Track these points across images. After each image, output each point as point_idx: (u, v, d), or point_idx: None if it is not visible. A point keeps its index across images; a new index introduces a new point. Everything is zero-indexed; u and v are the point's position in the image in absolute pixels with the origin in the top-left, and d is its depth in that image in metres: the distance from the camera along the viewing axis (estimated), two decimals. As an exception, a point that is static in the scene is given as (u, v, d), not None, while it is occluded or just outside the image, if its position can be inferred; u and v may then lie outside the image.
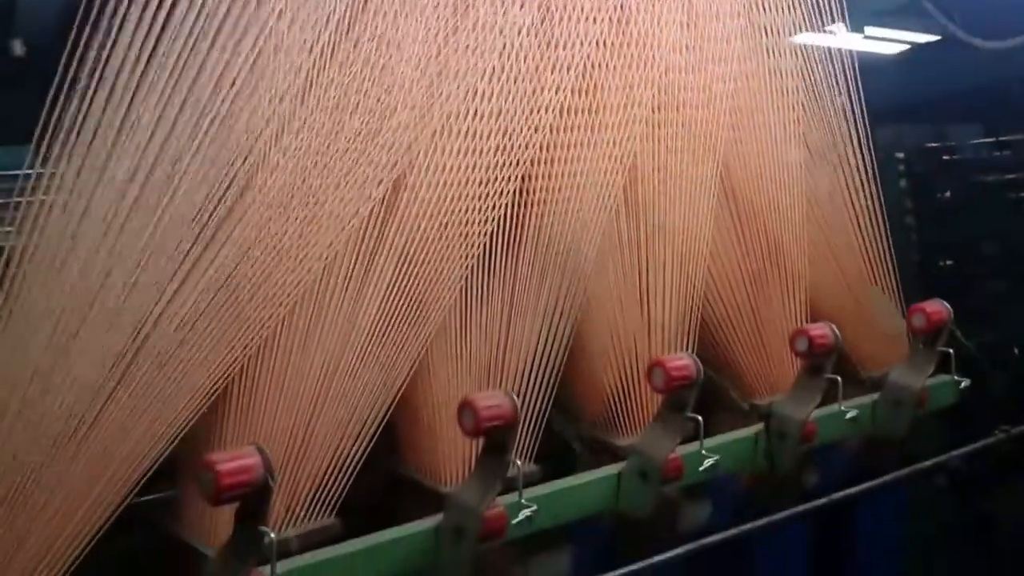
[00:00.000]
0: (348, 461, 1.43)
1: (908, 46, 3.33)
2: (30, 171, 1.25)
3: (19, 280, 1.25)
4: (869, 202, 2.04)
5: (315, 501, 1.41)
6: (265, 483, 1.13)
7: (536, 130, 1.60)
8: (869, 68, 2.07)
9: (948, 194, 3.62)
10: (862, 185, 2.05)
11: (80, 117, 1.25)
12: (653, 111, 1.74)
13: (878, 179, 2.08)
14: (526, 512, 1.39)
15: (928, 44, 3.41)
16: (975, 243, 3.61)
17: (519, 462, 1.39)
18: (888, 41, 3.24)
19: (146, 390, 1.31)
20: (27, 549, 1.20)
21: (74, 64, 1.24)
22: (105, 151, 1.28)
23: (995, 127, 3.86)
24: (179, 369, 1.33)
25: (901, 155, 3.49)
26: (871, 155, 2.00)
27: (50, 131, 1.24)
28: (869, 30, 3.02)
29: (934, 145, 3.63)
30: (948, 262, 3.57)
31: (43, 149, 1.24)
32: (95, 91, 1.26)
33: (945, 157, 3.65)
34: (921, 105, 3.58)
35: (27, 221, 1.25)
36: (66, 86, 1.24)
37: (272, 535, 1.15)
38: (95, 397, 1.27)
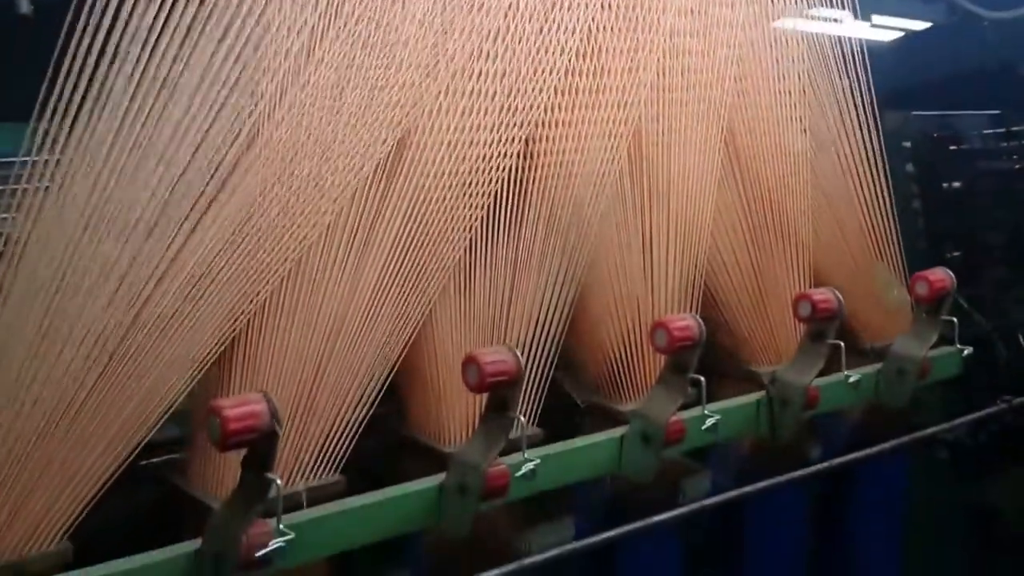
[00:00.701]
0: (352, 419, 1.46)
1: (907, 30, 3.35)
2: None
3: (24, 233, 1.27)
4: (874, 176, 2.07)
5: (320, 458, 1.43)
6: (272, 429, 1.15)
7: (541, 91, 1.61)
8: (874, 50, 2.10)
9: (956, 184, 3.64)
10: (867, 158, 2.07)
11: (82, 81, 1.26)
12: (658, 75, 1.75)
13: (884, 148, 2.10)
14: (529, 465, 1.41)
15: (936, 24, 3.43)
16: (982, 232, 3.63)
17: (522, 418, 1.41)
18: (889, 28, 3.25)
19: (148, 351, 1.33)
20: (33, 502, 1.22)
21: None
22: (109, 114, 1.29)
23: (1004, 110, 3.88)
24: (182, 329, 1.36)
25: (908, 144, 3.51)
26: (877, 121, 2.02)
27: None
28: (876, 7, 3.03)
29: (942, 134, 3.64)
30: (955, 253, 3.59)
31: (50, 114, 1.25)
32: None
33: (952, 147, 3.67)
34: (929, 87, 3.58)
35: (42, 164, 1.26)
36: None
37: (279, 481, 1.17)
38: (97, 357, 1.29)
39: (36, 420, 1.23)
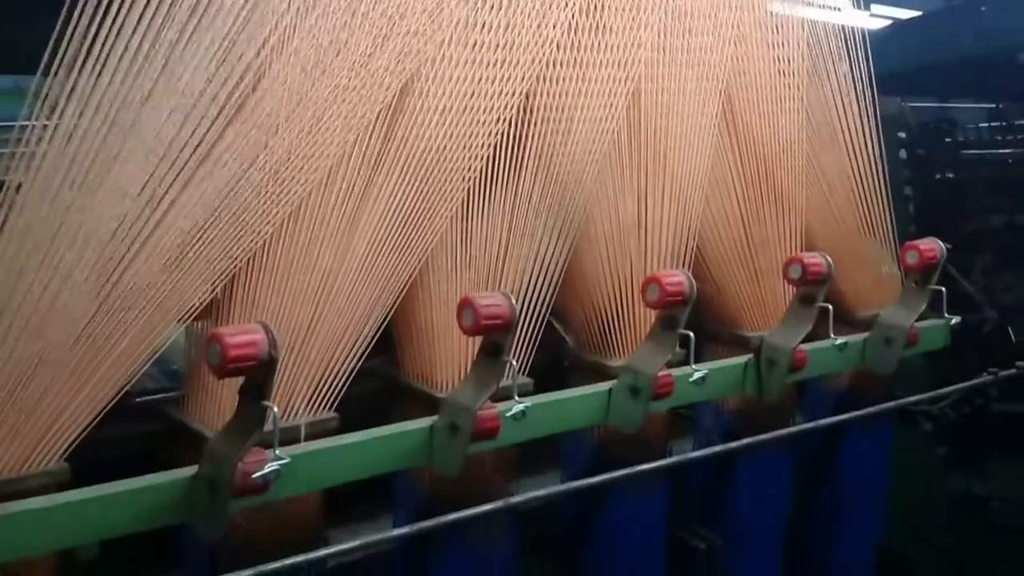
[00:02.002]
0: (348, 359, 1.50)
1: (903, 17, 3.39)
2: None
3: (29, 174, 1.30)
4: (869, 155, 2.11)
5: (316, 394, 1.47)
6: (270, 359, 1.19)
7: (542, 46, 1.65)
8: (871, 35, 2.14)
9: (950, 174, 3.69)
10: (862, 132, 2.11)
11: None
12: (659, 36, 1.79)
13: (879, 123, 2.14)
14: (519, 406, 1.45)
15: (932, 10, 3.47)
16: (973, 220, 3.68)
17: (514, 361, 1.44)
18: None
19: (148, 287, 1.36)
20: (33, 422, 1.26)
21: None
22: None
23: (999, 99, 3.92)
24: (182, 267, 1.39)
25: (903, 135, 3.55)
26: (873, 92, 2.06)
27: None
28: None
29: (936, 125, 3.68)
30: (948, 246, 3.64)
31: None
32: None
33: (947, 139, 3.72)
34: (924, 73, 3.61)
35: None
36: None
37: (275, 409, 1.21)
38: (98, 291, 1.32)
39: (38, 346, 1.26)
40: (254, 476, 1.21)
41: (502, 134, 1.63)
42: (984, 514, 3.35)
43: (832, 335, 1.86)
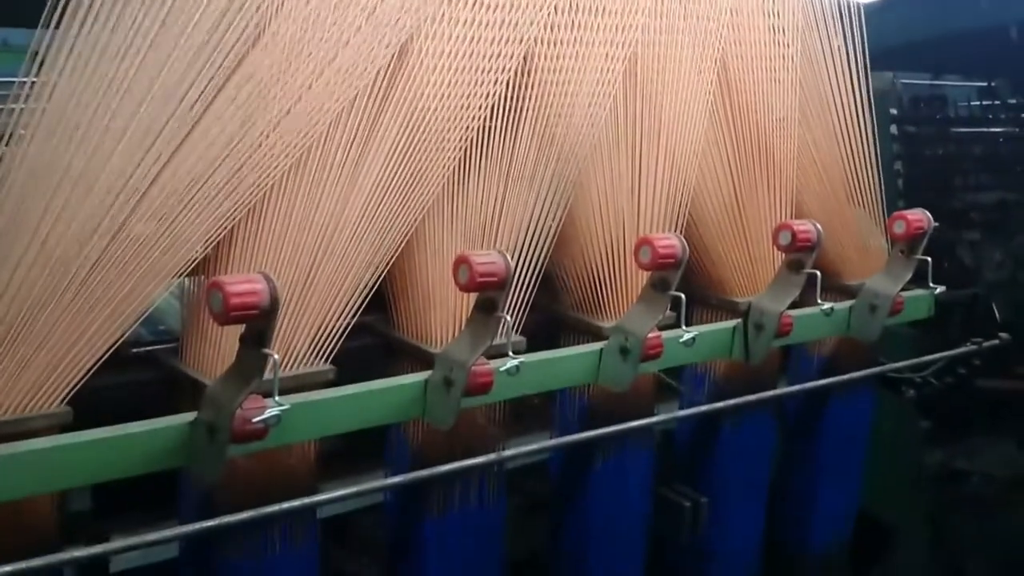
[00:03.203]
0: (345, 313, 1.53)
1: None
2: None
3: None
4: (860, 128, 2.14)
5: (313, 347, 1.50)
6: (271, 307, 1.22)
7: (541, 8, 1.66)
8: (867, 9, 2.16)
9: (940, 151, 3.73)
10: (853, 105, 2.14)
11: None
12: (657, 0, 1.81)
13: (871, 95, 2.17)
14: (513, 361, 1.49)
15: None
16: (962, 196, 3.73)
17: (508, 318, 1.47)
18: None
19: (148, 237, 1.38)
20: (35, 366, 1.29)
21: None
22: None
23: (991, 76, 3.95)
24: (182, 218, 1.41)
25: (895, 111, 3.58)
26: (866, 64, 2.08)
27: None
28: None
29: (927, 99, 3.71)
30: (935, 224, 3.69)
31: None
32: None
33: (938, 116, 3.75)
34: (916, 48, 3.64)
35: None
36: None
37: (275, 356, 1.23)
38: (97, 241, 1.34)
39: (41, 292, 1.29)
40: (254, 421, 1.24)
41: (500, 95, 1.65)
42: (964, 487, 3.42)
43: (820, 301, 1.90)
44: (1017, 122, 3.95)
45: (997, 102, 3.97)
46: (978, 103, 3.92)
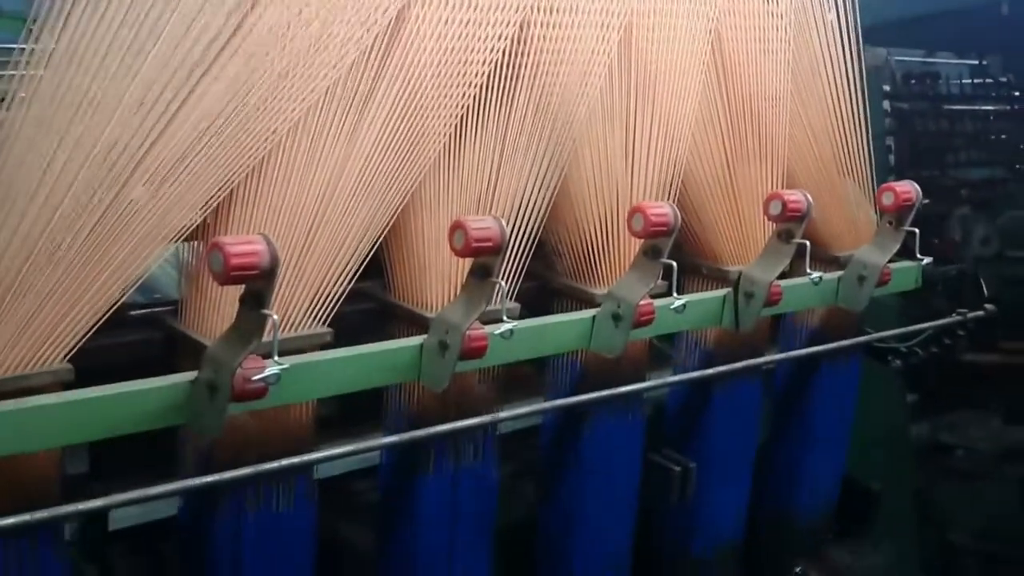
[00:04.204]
0: (343, 277, 1.55)
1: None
2: None
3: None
4: (851, 102, 2.16)
5: (311, 309, 1.52)
6: (270, 268, 1.24)
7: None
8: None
9: (931, 128, 3.76)
10: (846, 79, 2.16)
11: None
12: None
13: (863, 69, 2.19)
14: (507, 325, 1.51)
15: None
16: (953, 172, 3.76)
17: (502, 282, 1.50)
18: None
19: (148, 200, 1.40)
20: (37, 324, 1.31)
21: None
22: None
23: (984, 54, 3.98)
24: (181, 181, 1.43)
25: (887, 87, 3.60)
26: (859, 38, 2.11)
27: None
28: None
29: (919, 76, 3.74)
30: (925, 200, 3.73)
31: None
32: None
33: (931, 93, 3.78)
34: (909, 23, 3.65)
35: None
36: None
37: (275, 317, 1.26)
38: (96, 204, 1.36)
39: (42, 253, 1.31)
40: (254, 379, 1.27)
41: (496, 63, 1.67)
42: (949, 460, 3.49)
43: (808, 271, 1.93)
44: (1008, 99, 3.99)
45: (989, 80, 4.01)
46: (970, 81, 3.95)
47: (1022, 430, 3.66)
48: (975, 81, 3.98)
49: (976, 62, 4.03)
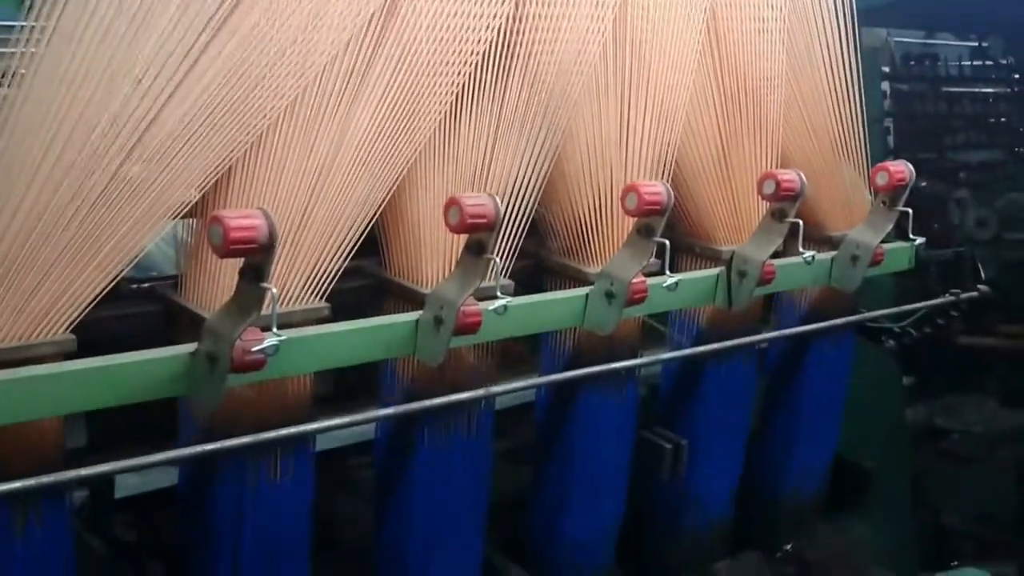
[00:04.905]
0: (340, 253, 1.60)
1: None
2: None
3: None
4: (847, 82, 2.21)
5: (309, 284, 1.58)
6: (269, 241, 1.29)
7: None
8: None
9: (930, 110, 3.80)
10: (842, 59, 2.21)
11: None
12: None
13: (859, 50, 2.24)
14: (501, 301, 1.57)
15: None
16: (951, 154, 3.81)
17: (496, 259, 1.55)
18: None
19: (147, 176, 1.45)
20: (41, 295, 1.36)
21: None
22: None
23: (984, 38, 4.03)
24: (180, 157, 1.48)
25: (887, 69, 3.64)
26: (854, 17, 2.15)
27: None
28: None
29: (918, 57, 3.78)
30: (923, 183, 3.79)
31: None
32: None
33: (930, 75, 3.82)
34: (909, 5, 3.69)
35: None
36: None
37: (273, 290, 1.31)
38: (99, 179, 1.41)
39: (44, 227, 1.36)
40: (253, 350, 1.32)
41: (491, 41, 1.71)
42: (944, 443, 3.56)
43: (801, 250, 1.99)
44: (1008, 82, 4.04)
45: (989, 62, 4.05)
46: (969, 63, 4.00)
47: (1018, 414, 3.73)
48: (975, 63, 4.02)
49: (976, 44, 4.08)
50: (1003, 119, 4.06)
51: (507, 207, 1.72)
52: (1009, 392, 3.73)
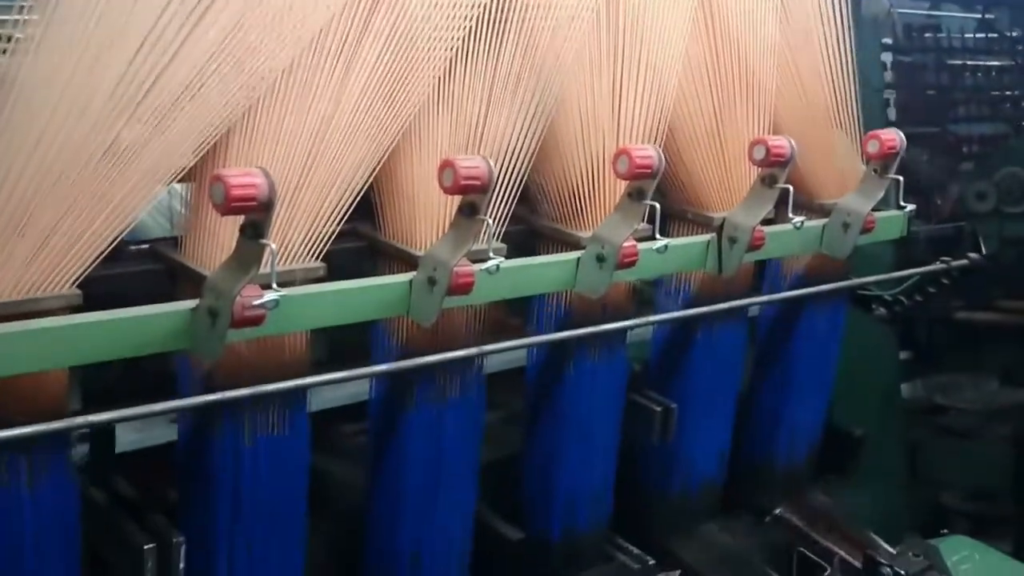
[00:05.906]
0: (335, 214, 1.69)
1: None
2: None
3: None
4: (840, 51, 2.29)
5: (305, 244, 1.67)
6: (268, 199, 1.38)
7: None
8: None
9: (933, 82, 3.89)
10: (835, 27, 2.29)
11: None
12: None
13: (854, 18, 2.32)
14: (494, 261, 1.67)
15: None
16: (952, 128, 3.90)
17: (489, 220, 1.65)
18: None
19: (150, 135, 1.54)
20: (48, 250, 1.46)
21: None
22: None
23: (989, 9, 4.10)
24: (181, 118, 1.56)
25: (889, 40, 3.72)
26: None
27: None
28: None
29: (921, 28, 3.86)
30: (924, 157, 3.88)
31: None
32: None
33: (933, 46, 3.90)
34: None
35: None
36: None
37: (273, 246, 1.40)
38: (102, 139, 1.50)
39: (48, 187, 1.45)
40: (254, 303, 1.42)
41: (484, 5, 1.80)
42: (941, 419, 3.67)
43: (791, 216, 2.08)
44: (1013, 54, 4.12)
45: (994, 34, 4.13)
46: (973, 35, 4.07)
47: (1017, 391, 3.84)
48: (979, 35, 4.10)
49: (981, 15, 4.16)
50: (1007, 92, 4.15)
51: (500, 170, 1.82)
52: (1008, 368, 3.84)
